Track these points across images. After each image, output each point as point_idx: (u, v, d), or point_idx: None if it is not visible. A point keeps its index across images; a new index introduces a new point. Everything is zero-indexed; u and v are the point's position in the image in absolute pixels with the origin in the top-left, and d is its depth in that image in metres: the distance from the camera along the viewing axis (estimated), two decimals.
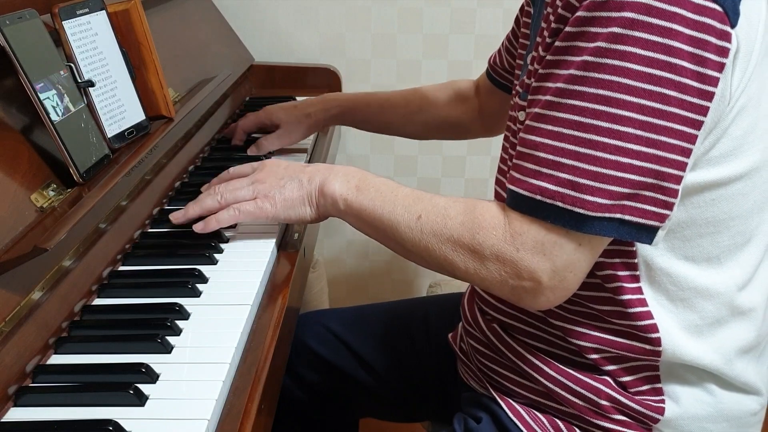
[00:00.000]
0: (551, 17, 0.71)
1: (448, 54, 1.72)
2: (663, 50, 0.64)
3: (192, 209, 0.89)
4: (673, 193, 0.68)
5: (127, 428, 0.59)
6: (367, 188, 0.82)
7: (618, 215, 0.67)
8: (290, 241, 0.96)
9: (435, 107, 1.23)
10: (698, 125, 0.67)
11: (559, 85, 0.68)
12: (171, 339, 0.71)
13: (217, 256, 0.87)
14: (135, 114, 0.94)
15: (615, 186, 0.67)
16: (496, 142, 1.79)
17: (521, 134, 0.72)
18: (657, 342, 0.76)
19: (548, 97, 0.69)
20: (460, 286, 1.11)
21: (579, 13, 0.67)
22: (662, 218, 0.69)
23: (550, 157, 0.68)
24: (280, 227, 0.95)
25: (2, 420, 0.62)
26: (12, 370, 0.64)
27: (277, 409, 0.78)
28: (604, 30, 0.65)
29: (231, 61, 1.49)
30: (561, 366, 0.82)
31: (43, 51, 0.79)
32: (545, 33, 0.73)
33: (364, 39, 1.70)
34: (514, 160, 0.72)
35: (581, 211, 0.67)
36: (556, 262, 0.70)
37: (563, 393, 0.81)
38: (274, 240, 0.91)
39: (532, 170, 0.69)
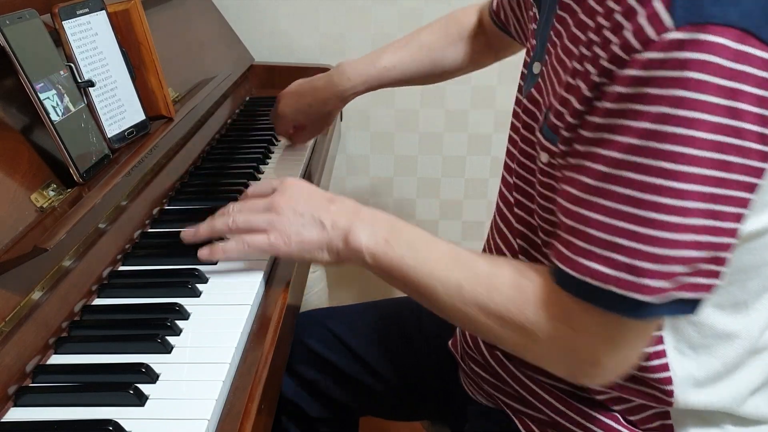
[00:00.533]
0: (588, 65, 0.63)
1: None
2: (729, 114, 0.57)
3: (203, 229, 0.83)
4: (725, 262, 0.62)
5: (127, 428, 0.60)
6: (398, 242, 0.74)
7: (676, 294, 0.61)
8: None
9: (449, 57, 1.17)
10: (754, 189, 0.60)
11: (615, 154, 0.60)
12: (171, 339, 0.71)
13: None
14: (135, 114, 0.94)
15: (675, 265, 0.60)
16: (497, 142, 1.81)
17: (565, 203, 0.65)
18: (669, 393, 0.73)
19: (600, 167, 0.61)
20: None
21: (632, 72, 0.58)
22: (712, 288, 0.63)
23: (604, 236, 0.61)
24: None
25: (2, 420, 0.62)
26: (12, 370, 0.64)
27: (276, 409, 0.78)
28: (665, 93, 0.57)
29: (231, 61, 1.49)
30: (568, 399, 0.79)
31: (43, 51, 0.79)
32: (581, 83, 0.63)
33: (364, 39, 1.70)
34: (560, 232, 0.65)
35: (639, 297, 0.60)
36: (613, 345, 0.64)
37: (570, 426, 0.79)
38: None
39: (583, 249, 0.62)
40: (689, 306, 0.63)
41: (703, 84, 0.56)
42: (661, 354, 0.72)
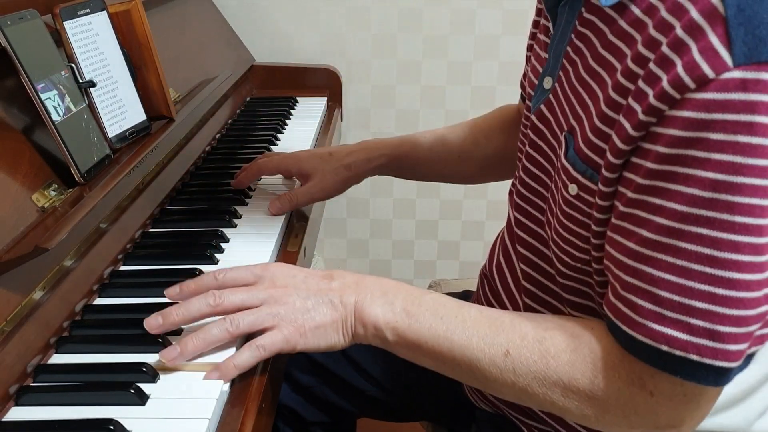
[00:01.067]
0: (631, 101, 0.57)
1: (448, 54, 1.72)
2: None
3: (196, 344, 0.67)
4: None
5: (128, 427, 0.60)
6: (420, 312, 0.67)
7: (750, 349, 0.58)
8: (290, 241, 0.96)
9: (490, 138, 1.05)
10: None
11: (679, 207, 0.54)
12: (172, 338, 0.71)
13: (218, 255, 0.87)
14: (136, 114, 0.94)
15: (754, 325, 0.56)
16: None
17: (620, 256, 0.59)
18: None
19: (663, 221, 0.55)
20: (459, 287, 1.11)
21: (688, 114, 0.52)
22: (765, 339, 0.61)
23: (677, 298, 0.55)
24: (281, 228, 0.95)
25: (3, 419, 0.62)
26: (13, 370, 0.64)
27: None
28: (731, 139, 0.51)
29: (231, 62, 1.49)
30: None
31: (45, 51, 0.80)
32: (623, 120, 0.58)
33: (364, 39, 1.70)
34: (622, 292, 0.59)
35: (723, 364, 0.55)
36: (699, 405, 0.59)
37: None
38: (274, 240, 0.91)
39: (653, 312, 0.57)
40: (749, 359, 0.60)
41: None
42: None
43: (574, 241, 0.68)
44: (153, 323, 0.69)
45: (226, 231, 0.92)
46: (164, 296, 0.78)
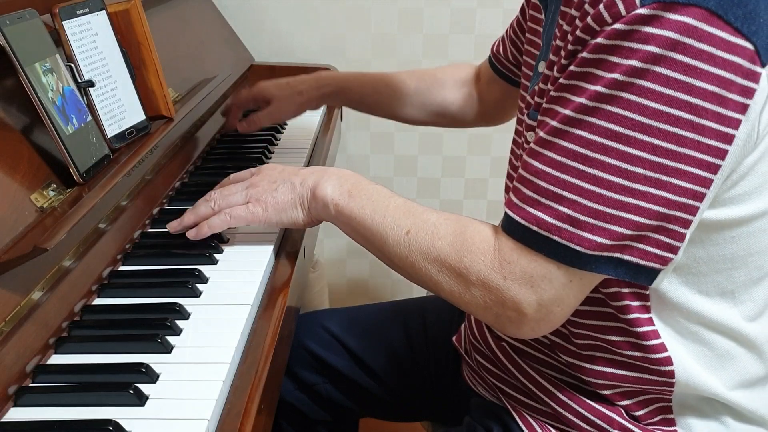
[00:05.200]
0: (569, 37, 0.67)
1: (448, 54, 1.72)
2: (684, 89, 0.60)
3: (187, 217, 0.88)
4: (680, 237, 0.65)
5: (127, 428, 0.59)
6: (360, 195, 0.79)
7: (617, 255, 0.65)
8: (290, 241, 0.96)
9: (433, 90, 1.20)
10: (715, 169, 0.62)
11: (568, 112, 0.64)
12: (171, 339, 0.71)
13: (217, 256, 0.87)
14: (135, 114, 0.94)
15: (617, 226, 0.63)
16: (497, 142, 1.81)
17: (524, 156, 0.69)
18: (671, 374, 0.74)
19: (555, 123, 0.65)
20: None
21: (599, 40, 0.62)
22: (665, 261, 0.65)
23: (551, 187, 0.65)
24: (281, 227, 0.95)
25: (2, 420, 0.62)
26: (12, 370, 0.64)
27: (275, 411, 0.78)
28: (624, 62, 0.60)
29: (231, 61, 1.49)
30: (573, 393, 0.80)
31: (44, 51, 0.79)
32: (561, 53, 0.68)
33: (364, 39, 1.70)
34: (515, 183, 0.69)
35: (578, 248, 0.64)
36: (543, 295, 0.67)
37: (574, 419, 0.80)
38: (274, 240, 0.91)
39: (531, 198, 0.66)
40: (639, 273, 0.66)
41: (662, 58, 0.59)
42: (658, 334, 0.73)
43: None
44: (173, 225, 0.89)
45: (226, 232, 0.92)
46: (164, 297, 0.78)
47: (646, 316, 0.73)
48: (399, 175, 1.82)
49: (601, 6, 0.62)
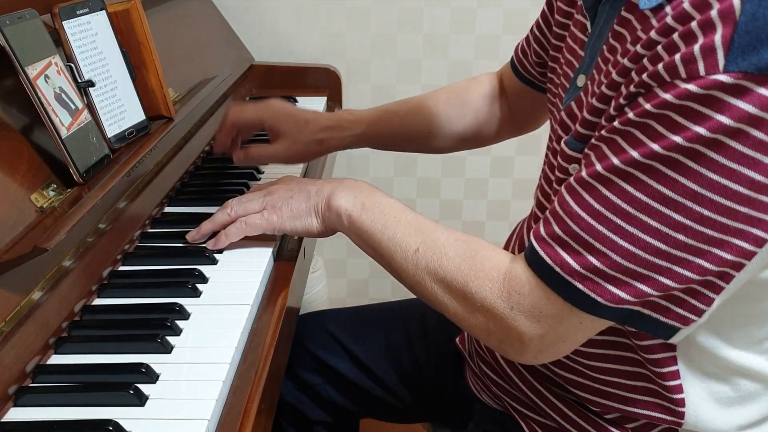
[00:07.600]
0: (633, 75, 0.61)
1: (448, 54, 1.72)
2: (751, 165, 0.55)
3: (205, 226, 0.88)
4: (708, 302, 0.61)
5: (127, 428, 0.60)
6: (373, 208, 0.79)
7: (637, 308, 0.62)
8: (290, 241, 0.96)
9: (467, 115, 1.09)
10: (762, 243, 0.58)
11: (617, 162, 0.59)
12: (171, 339, 0.71)
13: (217, 256, 0.87)
14: (135, 114, 0.94)
15: (644, 285, 0.60)
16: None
17: (562, 190, 0.65)
18: (681, 415, 0.72)
19: (600, 169, 0.61)
20: None
21: (667, 97, 0.56)
22: (687, 322, 0.63)
23: (584, 234, 0.62)
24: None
25: (2, 420, 0.62)
26: (12, 370, 0.64)
27: (276, 412, 0.78)
28: (691, 126, 0.55)
29: (231, 61, 1.49)
30: (580, 409, 0.79)
31: (44, 51, 0.79)
32: (622, 89, 0.62)
33: (364, 39, 1.70)
34: (547, 214, 0.66)
35: (599, 299, 0.62)
36: (549, 331, 0.65)
37: None
38: (274, 240, 0.91)
39: (561, 239, 0.63)
40: (658, 328, 0.63)
41: (735, 131, 0.54)
42: (676, 375, 0.71)
43: None
44: (192, 234, 0.89)
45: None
46: (164, 297, 0.78)
47: (669, 354, 0.71)
48: (399, 175, 1.82)
49: (677, 57, 0.56)
